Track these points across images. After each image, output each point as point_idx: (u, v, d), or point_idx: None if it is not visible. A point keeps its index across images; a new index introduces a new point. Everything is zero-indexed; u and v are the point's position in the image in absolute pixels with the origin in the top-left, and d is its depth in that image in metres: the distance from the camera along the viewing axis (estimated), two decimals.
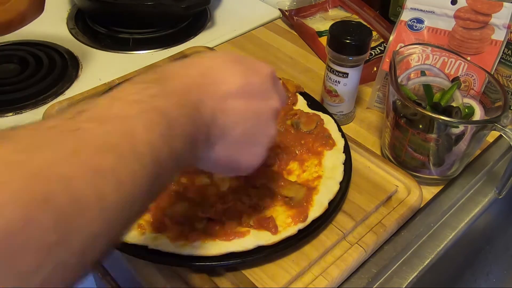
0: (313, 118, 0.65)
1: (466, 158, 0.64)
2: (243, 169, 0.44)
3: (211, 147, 0.39)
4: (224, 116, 0.39)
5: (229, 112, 0.39)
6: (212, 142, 0.39)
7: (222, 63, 0.41)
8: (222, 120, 0.39)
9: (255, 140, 0.43)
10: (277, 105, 0.44)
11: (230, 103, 0.39)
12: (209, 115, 0.37)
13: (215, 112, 0.38)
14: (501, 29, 0.65)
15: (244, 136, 0.41)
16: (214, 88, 0.38)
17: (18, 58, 0.81)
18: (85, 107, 0.30)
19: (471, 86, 0.64)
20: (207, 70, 0.39)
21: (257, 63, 0.44)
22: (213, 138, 0.38)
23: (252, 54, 0.86)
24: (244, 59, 0.43)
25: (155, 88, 0.34)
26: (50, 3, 0.98)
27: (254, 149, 0.43)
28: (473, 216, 0.63)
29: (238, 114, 0.40)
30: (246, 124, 0.41)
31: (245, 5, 1.01)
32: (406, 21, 0.70)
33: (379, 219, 0.57)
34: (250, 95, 0.41)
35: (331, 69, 0.68)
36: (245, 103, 0.40)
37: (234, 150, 0.41)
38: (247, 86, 0.41)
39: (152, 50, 0.87)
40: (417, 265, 0.56)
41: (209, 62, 0.41)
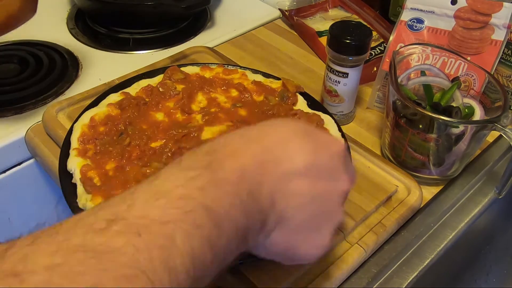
0: (313, 118, 0.65)
1: (466, 158, 0.64)
2: (301, 259, 0.39)
3: (267, 234, 0.35)
4: (285, 200, 0.34)
5: (291, 195, 0.35)
6: (268, 230, 0.35)
7: (290, 135, 0.36)
8: (283, 205, 0.34)
9: (319, 227, 0.37)
10: (346, 187, 0.39)
11: (293, 185, 0.35)
12: (268, 201, 0.33)
13: (274, 196, 0.34)
14: (501, 29, 0.65)
15: (307, 222, 0.36)
16: (276, 166, 0.34)
17: (18, 58, 0.81)
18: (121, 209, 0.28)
19: (471, 86, 0.64)
20: (272, 145, 0.35)
21: (328, 138, 0.40)
22: (270, 225, 0.34)
23: (252, 54, 0.86)
24: (314, 132, 0.39)
25: (205, 177, 0.31)
26: (50, 3, 0.98)
27: (316, 238, 0.38)
28: (473, 216, 0.63)
29: (302, 197, 0.35)
30: (310, 209, 0.36)
31: (245, 5, 1.01)
32: (406, 21, 0.70)
33: (379, 219, 0.57)
34: (316, 175, 0.36)
35: (331, 69, 0.68)
36: (310, 184, 0.35)
37: (293, 237, 0.36)
38: (315, 165, 0.36)
39: (152, 50, 0.87)
40: (417, 265, 0.56)
41: (276, 135, 0.36)
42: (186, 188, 0.30)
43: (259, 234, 0.34)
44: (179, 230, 0.27)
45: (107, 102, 0.65)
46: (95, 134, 0.60)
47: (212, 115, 0.64)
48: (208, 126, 0.62)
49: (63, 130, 0.64)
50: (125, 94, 0.66)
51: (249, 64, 0.81)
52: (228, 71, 0.72)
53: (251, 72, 0.73)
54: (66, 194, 0.55)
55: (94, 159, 0.57)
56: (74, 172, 0.56)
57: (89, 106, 0.65)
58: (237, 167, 0.32)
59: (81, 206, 0.53)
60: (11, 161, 0.70)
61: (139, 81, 0.70)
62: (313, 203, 0.36)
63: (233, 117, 0.64)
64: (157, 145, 0.59)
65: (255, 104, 0.67)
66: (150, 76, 0.71)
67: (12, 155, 0.69)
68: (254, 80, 0.71)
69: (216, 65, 0.73)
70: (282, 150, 0.35)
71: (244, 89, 0.68)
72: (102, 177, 0.55)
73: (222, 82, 0.70)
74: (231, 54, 0.84)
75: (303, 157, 0.35)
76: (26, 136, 0.68)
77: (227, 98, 0.68)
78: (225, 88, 0.69)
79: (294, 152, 0.35)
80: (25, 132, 0.68)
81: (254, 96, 0.68)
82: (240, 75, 0.72)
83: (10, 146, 0.68)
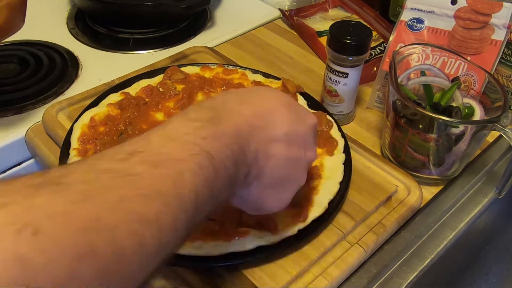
0: (321, 118, 0.65)
1: (466, 158, 0.64)
2: (265, 211, 0.45)
3: (246, 186, 0.40)
4: (265, 159, 0.40)
5: (270, 155, 0.40)
6: (248, 182, 0.40)
7: (277, 105, 0.42)
8: (263, 163, 0.40)
9: (285, 186, 0.43)
10: (313, 157, 0.45)
11: (273, 147, 0.40)
12: (252, 157, 0.38)
13: (258, 154, 0.39)
14: (501, 29, 0.65)
15: (278, 180, 0.42)
16: (263, 130, 0.40)
17: (18, 58, 0.81)
18: (138, 146, 0.32)
19: (471, 86, 0.64)
20: (261, 111, 0.41)
21: (305, 112, 0.45)
22: (251, 178, 0.39)
23: (252, 54, 0.86)
24: (295, 104, 0.45)
25: (208, 129, 0.35)
26: (50, 3, 0.98)
27: (281, 195, 0.44)
28: (473, 216, 0.63)
29: (278, 159, 0.41)
30: (283, 170, 0.42)
31: (245, 5, 1.01)
32: (406, 21, 0.70)
33: (379, 219, 0.57)
34: (292, 142, 0.42)
35: (331, 69, 0.68)
36: (287, 149, 0.41)
37: (265, 191, 0.42)
38: (292, 133, 0.42)
39: (152, 50, 0.87)
40: (417, 265, 0.56)
41: (265, 103, 0.42)
42: (193, 136, 0.34)
43: (242, 184, 0.39)
44: (187, 168, 0.32)
45: (107, 102, 0.65)
46: (95, 134, 0.60)
47: None
48: None
49: (63, 130, 0.64)
50: (125, 94, 0.66)
51: (249, 64, 0.81)
52: (228, 71, 0.72)
53: (251, 72, 0.73)
54: None
55: None
56: None
57: (89, 106, 0.65)
58: (232, 124, 0.37)
59: None
60: (11, 161, 0.70)
61: (139, 81, 0.70)
62: (286, 165, 0.42)
63: None
64: None
65: None
66: (150, 76, 0.71)
67: (12, 155, 0.69)
68: (254, 80, 0.71)
69: (216, 65, 0.73)
70: (269, 117, 0.41)
71: None
72: None
73: (222, 82, 0.70)
74: (231, 54, 0.84)
75: (284, 125, 0.41)
76: (26, 136, 0.68)
77: None
78: (225, 88, 0.69)
79: (278, 120, 0.41)
80: (25, 132, 0.68)
81: None
82: (240, 75, 0.72)
83: (10, 146, 0.68)
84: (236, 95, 0.42)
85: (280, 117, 0.41)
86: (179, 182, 0.31)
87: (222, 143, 0.35)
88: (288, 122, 0.41)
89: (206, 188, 0.33)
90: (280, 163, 0.41)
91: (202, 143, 0.34)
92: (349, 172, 0.59)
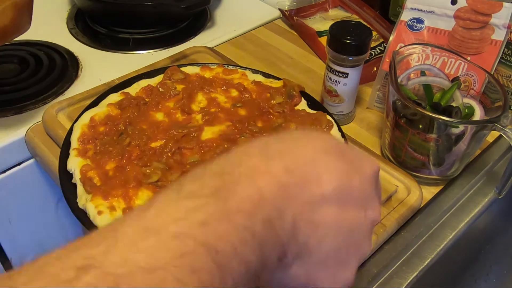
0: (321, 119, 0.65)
1: (466, 158, 0.64)
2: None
3: (283, 270, 0.30)
4: (309, 230, 0.29)
5: (317, 224, 0.30)
6: (287, 263, 0.30)
7: (319, 153, 0.31)
8: (307, 235, 0.29)
9: (344, 260, 0.33)
10: (377, 217, 0.34)
11: (320, 212, 0.30)
12: (288, 230, 0.28)
13: (297, 224, 0.29)
14: (501, 29, 0.65)
15: (332, 255, 0.31)
16: (301, 190, 0.29)
17: (18, 58, 0.81)
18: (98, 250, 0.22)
19: (471, 86, 0.64)
20: (297, 164, 0.30)
21: (361, 156, 0.34)
22: (290, 257, 0.29)
23: (252, 54, 0.86)
24: (346, 149, 0.34)
25: (211, 207, 0.25)
26: (50, 3, 0.98)
27: (341, 272, 0.33)
28: (473, 216, 0.63)
29: (329, 227, 0.30)
30: (337, 241, 0.31)
31: (245, 5, 1.01)
32: (406, 21, 0.70)
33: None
34: (346, 202, 0.31)
35: (331, 69, 0.68)
36: (339, 212, 0.31)
37: (316, 271, 0.31)
38: (345, 189, 0.31)
39: (152, 50, 0.87)
40: (417, 265, 0.56)
41: (303, 151, 0.31)
42: (185, 222, 0.24)
43: (275, 268, 0.29)
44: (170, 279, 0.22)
45: (107, 102, 0.65)
46: (95, 134, 0.60)
47: (212, 115, 0.64)
48: (208, 126, 0.62)
49: (63, 130, 0.64)
50: (125, 94, 0.66)
51: (249, 64, 0.81)
52: (228, 71, 0.72)
53: (251, 72, 0.73)
54: (66, 194, 0.55)
55: (94, 159, 0.57)
56: (74, 172, 0.56)
57: (89, 106, 0.65)
58: (253, 191, 0.27)
59: (81, 206, 0.53)
60: (11, 161, 0.70)
61: (139, 81, 0.70)
62: (340, 233, 0.31)
63: (233, 117, 0.64)
64: (157, 145, 0.59)
65: (255, 104, 0.67)
66: (150, 76, 0.71)
67: (12, 155, 0.69)
68: (254, 80, 0.71)
69: (216, 65, 0.73)
70: (310, 170, 0.30)
71: (244, 89, 0.68)
72: (102, 177, 0.55)
73: (222, 82, 0.70)
74: (231, 54, 0.84)
75: (333, 179, 0.30)
76: (26, 136, 0.68)
77: (227, 98, 0.68)
78: (225, 88, 0.69)
79: (323, 173, 0.30)
80: (25, 132, 0.68)
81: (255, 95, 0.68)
82: (240, 75, 0.72)
83: (10, 146, 0.68)
84: (259, 148, 0.30)
85: (326, 168, 0.31)
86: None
87: (234, 225, 0.25)
88: (337, 174, 0.31)
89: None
90: (331, 232, 0.31)
91: (199, 233, 0.24)
92: None
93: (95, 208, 0.51)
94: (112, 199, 0.52)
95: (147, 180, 0.54)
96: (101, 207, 0.51)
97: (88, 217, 0.52)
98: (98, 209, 0.51)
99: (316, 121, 0.64)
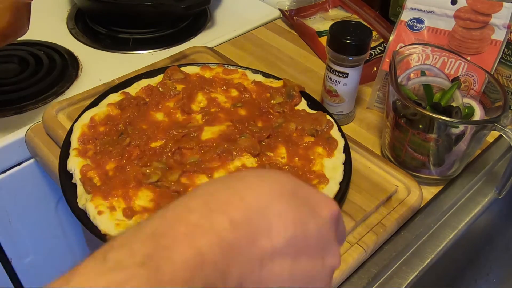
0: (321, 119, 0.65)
1: (466, 158, 0.64)
2: None
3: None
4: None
5: (266, 281, 0.27)
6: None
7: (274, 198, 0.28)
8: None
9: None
10: (336, 263, 0.31)
11: (270, 268, 0.27)
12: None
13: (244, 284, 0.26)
14: (501, 29, 0.65)
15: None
16: (248, 245, 0.26)
17: (18, 58, 0.81)
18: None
19: (471, 86, 0.64)
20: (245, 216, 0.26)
21: (320, 200, 0.31)
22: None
23: (252, 54, 0.86)
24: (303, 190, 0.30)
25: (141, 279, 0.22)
26: (50, 3, 0.98)
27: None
28: (473, 216, 0.63)
29: (282, 281, 0.27)
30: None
31: (245, 5, 1.01)
32: (406, 21, 0.70)
33: (379, 219, 0.57)
34: (301, 251, 0.28)
35: (331, 69, 0.68)
36: (293, 264, 0.28)
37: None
38: (300, 238, 0.28)
39: (152, 50, 0.87)
40: (417, 265, 0.56)
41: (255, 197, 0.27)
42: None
43: None
44: None
45: (107, 102, 0.65)
46: (95, 134, 0.60)
47: (212, 115, 0.64)
48: (208, 126, 0.62)
49: (63, 130, 0.64)
50: (125, 94, 0.66)
51: (249, 64, 0.81)
52: (228, 71, 0.72)
53: (251, 72, 0.73)
54: (66, 194, 0.55)
55: (94, 159, 0.57)
56: (74, 172, 0.56)
57: (89, 106, 0.65)
58: (191, 255, 0.23)
59: (81, 206, 0.53)
60: (11, 161, 0.70)
61: (139, 81, 0.70)
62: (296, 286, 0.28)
63: (233, 117, 0.64)
64: (157, 145, 0.59)
65: (255, 104, 0.67)
66: (150, 76, 0.71)
67: (12, 155, 0.69)
68: (254, 80, 0.71)
69: (216, 65, 0.73)
70: (259, 222, 0.26)
71: (244, 89, 0.68)
72: (102, 177, 0.55)
73: (222, 82, 0.70)
74: (231, 54, 0.84)
75: (286, 229, 0.27)
76: (26, 136, 0.68)
77: (227, 98, 0.68)
78: (225, 88, 0.69)
79: (275, 223, 0.27)
80: (25, 132, 0.68)
81: (255, 95, 0.68)
82: (240, 75, 0.72)
83: (10, 146, 0.68)
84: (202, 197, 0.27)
85: (278, 217, 0.27)
86: None
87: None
88: (291, 222, 0.27)
89: None
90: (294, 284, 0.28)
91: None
92: (349, 172, 0.59)
93: (95, 208, 0.51)
94: (112, 199, 0.52)
95: (147, 180, 0.54)
96: (101, 207, 0.51)
97: (88, 217, 0.52)
98: (98, 209, 0.51)
99: (316, 121, 0.64)
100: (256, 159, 0.59)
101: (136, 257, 0.23)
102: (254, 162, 0.59)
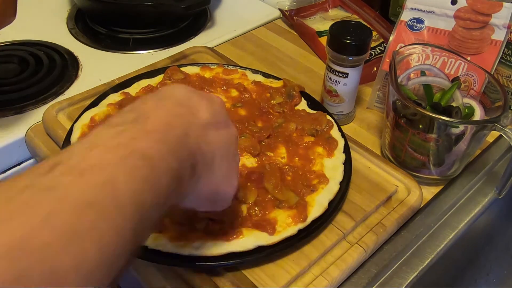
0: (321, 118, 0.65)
1: (466, 158, 0.64)
2: (221, 200, 0.44)
3: (197, 181, 0.38)
4: (207, 147, 0.38)
5: (209, 142, 0.38)
6: (198, 176, 0.38)
7: (188, 93, 0.40)
8: (205, 151, 0.38)
9: (230, 168, 0.42)
10: (236, 132, 0.44)
11: (209, 133, 0.39)
12: (194, 147, 0.36)
13: (199, 143, 0.37)
14: (501, 29, 0.65)
15: (222, 164, 0.41)
16: (193, 117, 0.38)
17: (18, 58, 0.81)
18: (60, 158, 0.29)
19: (471, 86, 0.64)
20: (181, 100, 0.39)
21: (208, 94, 0.44)
22: (199, 171, 0.37)
23: (252, 54, 0.86)
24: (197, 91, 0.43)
25: (135, 128, 0.33)
26: (50, 3, 0.98)
27: (230, 177, 0.43)
28: (473, 216, 0.63)
29: (215, 143, 0.39)
30: (223, 153, 0.41)
31: (245, 5, 1.01)
32: (406, 21, 0.70)
33: (379, 219, 0.57)
34: (218, 124, 0.40)
35: (331, 69, 0.68)
36: (217, 132, 0.40)
37: (216, 179, 0.40)
38: (215, 115, 0.40)
39: (152, 50, 0.87)
40: (417, 265, 0.56)
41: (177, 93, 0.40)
42: (118, 138, 0.31)
43: (191, 178, 0.37)
44: (119, 173, 0.29)
45: (107, 102, 0.65)
46: None
47: None
48: None
49: (63, 130, 0.64)
50: (125, 94, 0.66)
51: (249, 64, 0.81)
52: (228, 71, 0.72)
53: (251, 72, 0.73)
54: None
55: None
56: None
57: (89, 106, 0.65)
58: (161, 118, 0.35)
59: None
60: (11, 161, 0.70)
61: (139, 81, 0.70)
62: (223, 148, 0.41)
63: (233, 117, 0.64)
64: None
65: (255, 104, 0.67)
66: (150, 76, 0.71)
67: (12, 155, 0.69)
68: (254, 80, 0.71)
69: (216, 65, 0.73)
70: (190, 102, 0.39)
71: (244, 89, 0.68)
72: None
73: (222, 82, 0.70)
74: (231, 54, 0.84)
75: (207, 108, 0.39)
76: (26, 136, 0.68)
77: (227, 98, 0.68)
78: (225, 88, 0.69)
79: (199, 105, 0.39)
80: (25, 132, 0.68)
81: (255, 95, 0.68)
82: (240, 75, 0.72)
83: (10, 146, 0.68)
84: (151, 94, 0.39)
85: (198, 101, 0.39)
86: (111, 188, 0.28)
87: (154, 139, 0.33)
88: (207, 103, 0.40)
89: (147, 189, 0.30)
90: (218, 147, 0.40)
91: (131, 144, 0.31)
92: (349, 172, 0.59)
93: None
94: None
95: None
96: None
97: None
98: None
99: (316, 121, 0.64)
100: (256, 159, 0.59)
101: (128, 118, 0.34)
102: (254, 162, 0.59)
